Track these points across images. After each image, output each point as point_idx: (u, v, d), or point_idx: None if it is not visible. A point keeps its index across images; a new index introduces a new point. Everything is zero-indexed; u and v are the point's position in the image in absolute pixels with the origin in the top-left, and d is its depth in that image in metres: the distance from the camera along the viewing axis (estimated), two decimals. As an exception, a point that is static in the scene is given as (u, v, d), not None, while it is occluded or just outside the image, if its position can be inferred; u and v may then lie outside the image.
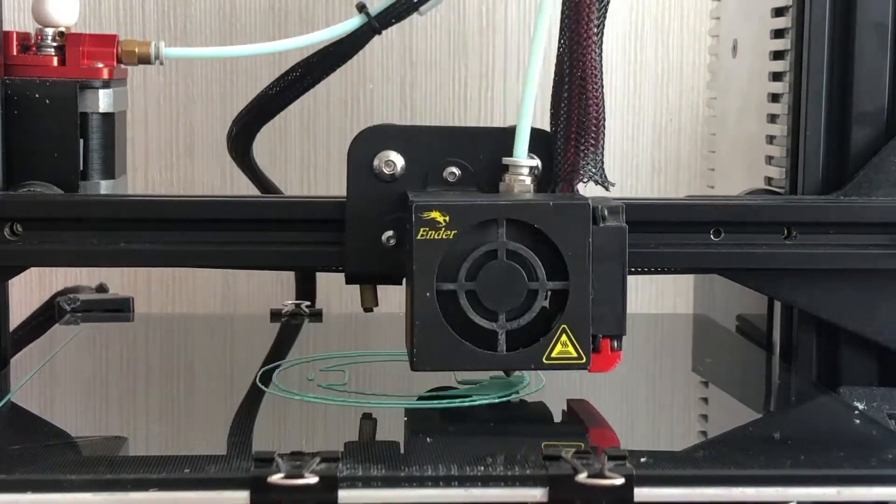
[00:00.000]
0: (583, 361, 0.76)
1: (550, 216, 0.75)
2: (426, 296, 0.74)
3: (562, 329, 0.76)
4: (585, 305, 0.75)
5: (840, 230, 0.84)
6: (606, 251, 0.76)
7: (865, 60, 0.87)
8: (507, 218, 0.75)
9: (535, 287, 0.75)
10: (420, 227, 0.74)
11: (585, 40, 0.79)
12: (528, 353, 0.76)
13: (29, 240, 0.82)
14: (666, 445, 0.79)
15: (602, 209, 0.76)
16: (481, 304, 0.75)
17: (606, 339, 0.77)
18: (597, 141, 0.80)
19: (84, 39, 0.87)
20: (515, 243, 0.75)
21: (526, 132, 0.80)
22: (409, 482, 0.65)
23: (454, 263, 0.75)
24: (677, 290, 1.30)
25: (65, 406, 0.84)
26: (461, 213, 0.75)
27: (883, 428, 0.77)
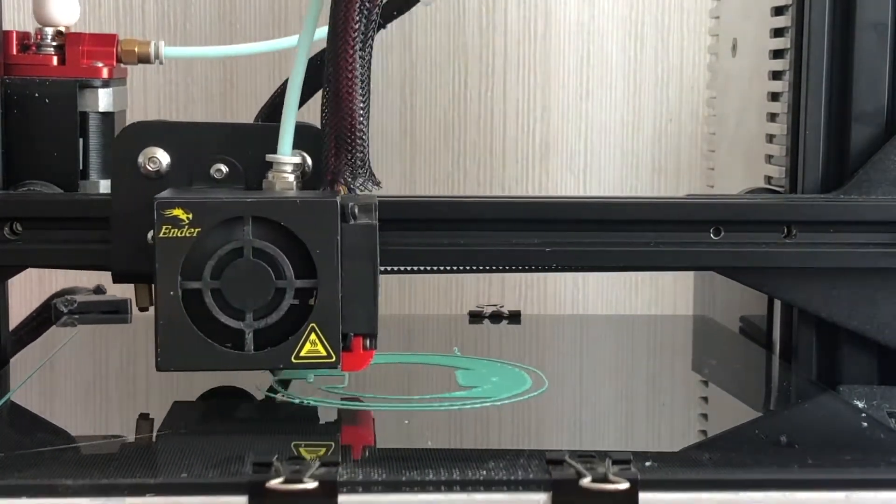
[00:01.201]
0: (332, 360, 0.74)
1: (297, 213, 0.73)
2: (170, 294, 0.73)
3: (310, 328, 0.74)
4: (334, 304, 0.74)
5: (840, 229, 0.84)
6: (357, 249, 0.74)
7: (865, 59, 0.87)
8: (253, 215, 0.73)
9: (283, 285, 0.74)
10: (162, 224, 0.73)
11: (342, 41, 0.76)
12: (277, 352, 0.74)
13: (28, 239, 0.82)
14: (667, 446, 0.79)
15: (352, 206, 0.74)
16: (228, 304, 0.74)
17: (358, 338, 0.76)
18: (353, 146, 0.77)
19: (84, 39, 0.87)
20: (261, 241, 0.73)
21: (290, 128, 0.78)
22: (411, 486, 0.64)
23: (199, 262, 0.73)
24: (677, 290, 1.30)
25: (62, 408, 0.84)
26: (204, 211, 0.73)
27: (887, 429, 0.76)
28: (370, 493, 0.64)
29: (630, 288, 1.32)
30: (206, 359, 0.74)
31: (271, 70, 1.25)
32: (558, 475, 0.64)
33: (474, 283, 1.31)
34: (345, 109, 0.76)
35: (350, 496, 0.64)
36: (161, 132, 0.80)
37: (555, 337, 1.08)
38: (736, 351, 0.98)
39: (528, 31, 1.30)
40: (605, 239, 0.83)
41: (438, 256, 0.83)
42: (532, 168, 1.31)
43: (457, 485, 0.64)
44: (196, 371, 0.77)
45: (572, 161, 1.32)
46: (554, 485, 0.64)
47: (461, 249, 0.82)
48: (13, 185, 0.85)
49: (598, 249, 0.83)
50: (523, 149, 1.31)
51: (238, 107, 1.27)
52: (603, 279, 1.32)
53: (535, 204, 0.84)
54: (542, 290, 1.33)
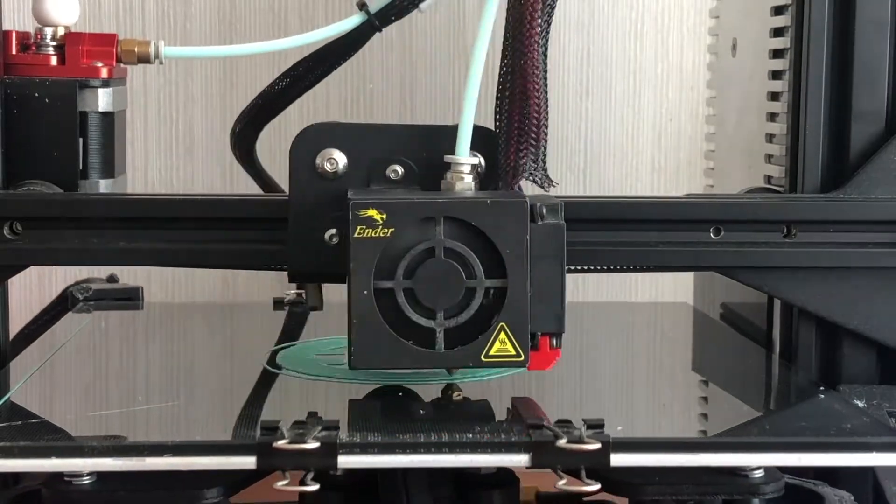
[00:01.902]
0: (521, 359, 0.75)
1: (488, 213, 0.74)
2: (363, 294, 0.74)
3: (500, 327, 0.75)
4: (524, 303, 0.75)
5: (840, 228, 0.84)
6: (545, 249, 0.75)
7: (865, 59, 0.87)
8: (445, 215, 0.75)
9: (473, 285, 0.75)
10: (357, 224, 0.74)
11: (527, 38, 0.78)
12: (467, 350, 0.75)
13: (28, 239, 0.82)
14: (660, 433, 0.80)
15: (540, 207, 0.75)
16: (419, 302, 0.75)
17: (545, 337, 0.77)
18: (537, 141, 0.79)
19: (84, 38, 0.87)
20: (453, 241, 0.75)
21: (468, 130, 0.79)
22: (403, 448, 0.70)
23: (392, 261, 0.74)
24: (677, 290, 1.30)
25: (79, 388, 0.87)
26: (398, 211, 0.74)
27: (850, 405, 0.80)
28: (366, 455, 0.69)
29: (629, 288, 1.32)
30: (397, 357, 0.75)
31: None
32: (538, 438, 0.70)
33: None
34: (533, 105, 0.78)
35: (349, 457, 0.69)
36: (338, 133, 0.81)
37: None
38: (735, 349, 0.98)
39: (527, 31, 1.29)
40: (605, 238, 0.83)
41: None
42: (532, 168, 1.31)
43: (445, 447, 0.70)
44: (388, 370, 0.80)
45: (572, 160, 1.32)
46: (533, 446, 0.69)
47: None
48: (13, 184, 0.85)
49: (597, 249, 0.83)
50: (523, 149, 1.31)
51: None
52: (602, 279, 1.32)
53: (536, 203, 0.85)
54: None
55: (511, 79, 0.79)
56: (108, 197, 0.85)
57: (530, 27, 0.78)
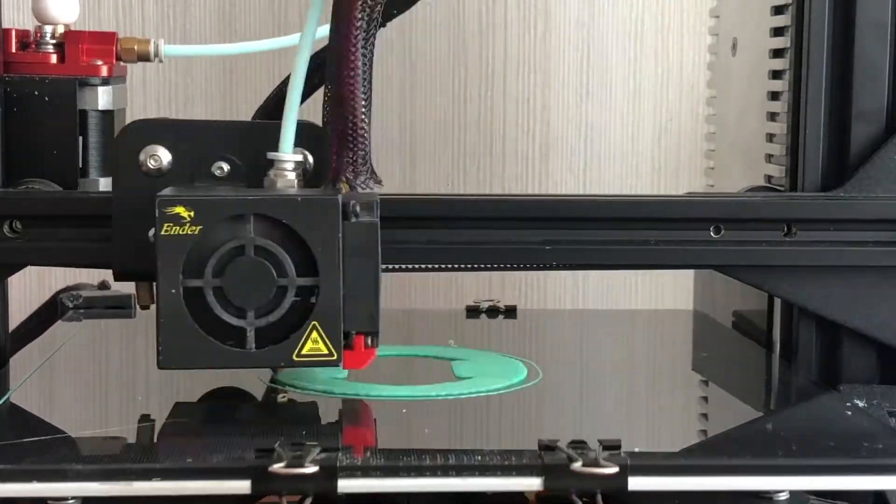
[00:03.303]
0: (334, 358, 0.74)
1: (299, 211, 0.73)
2: (171, 292, 0.73)
3: (312, 326, 0.74)
4: (336, 302, 0.74)
5: (840, 227, 0.83)
6: (359, 247, 0.74)
7: (865, 58, 0.87)
8: (255, 213, 0.73)
9: (285, 283, 0.73)
10: (164, 222, 0.72)
11: (344, 39, 0.76)
12: (278, 350, 0.74)
13: (28, 237, 0.81)
14: (666, 445, 0.79)
15: (354, 204, 0.74)
16: (229, 301, 0.74)
17: (360, 336, 0.76)
18: (355, 144, 0.76)
19: (83, 37, 0.87)
20: (264, 239, 0.73)
21: (291, 127, 0.78)
22: (408, 472, 0.66)
23: (201, 259, 0.73)
24: (677, 290, 1.30)
25: (66, 402, 0.85)
26: (206, 208, 0.73)
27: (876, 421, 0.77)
28: (368, 478, 0.66)
29: (630, 287, 1.32)
30: (207, 357, 0.74)
31: (271, 69, 1.25)
32: (550, 460, 0.66)
33: (474, 282, 1.31)
34: (347, 108, 0.76)
35: (349, 480, 0.65)
36: (162, 130, 0.80)
37: (550, 330, 1.09)
38: (735, 349, 0.98)
39: (527, 30, 1.30)
40: (605, 237, 0.83)
41: (438, 254, 0.83)
42: (532, 168, 1.32)
43: (452, 470, 0.66)
44: (196, 369, 0.76)
45: (572, 161, 1.32)
46: (546, 469, 0.65)
47: (461, 247, 0.82)
48: (13, 183, 0.85)
49: (597, 248, 0.83)
50: (523, 149, 1.31)
51: (238, 106, 1.26)
52: (603, 278, 1.32)
53: (535, 202, 0.85)
54: (541, 290, 1.33)
55: (329, 79, 0.77)
56: (107, 195, 0.85)
57: (347, 26, 0.76)
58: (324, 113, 0.78)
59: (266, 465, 0.64)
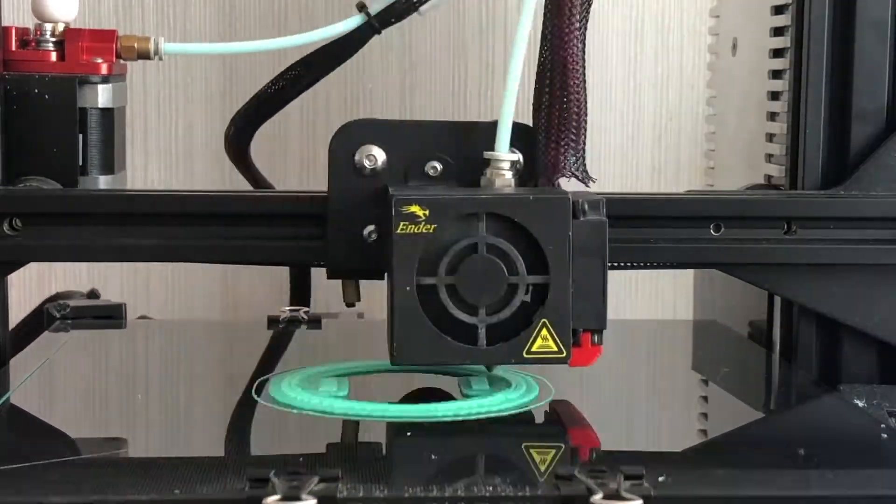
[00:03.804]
0: (563, 355, 0.75)
1: (530, 210, 0.75)
2: (406, 290, 0.74)
3: (542, 323, 0.75)
4: (566, 300, 0.75)
5: (840, 225, 0.84)
6: (587, 245, 0.75)
7: (865, 58, 0.87)
8: (488, 212, 0.75)
9: (515, 281, 0.75)
10: (400, 221, 0.74)
11: (567, 35, 0.78)
12: (509, 346, 0.75)
13: (28, 235, 0.81)
14: (667, 446, 0.79)
15: (582, 203, 0.75)
16: (461, 299, 0.75)
17: (587, 334, 0.77)
18: (578, 136, 0.79)
19: (83, 35, 0.87)
20: (495, 237, 0.75)
21: (507, 126, 0.79)
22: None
23: (434, 257, 0.74)
24: (677, 290, 1.30)
25: (53, 417, 0.81)
26: (441, 207, 0.74)
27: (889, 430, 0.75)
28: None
29: (630, 289, 1.32)
30: (439, 352, 0.75)
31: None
32: (568, 491, 0.62)
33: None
34: (573, 102, 0.78)
35: None
36: (377, 130, 0.81)
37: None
38: (735, 349, 0.98)
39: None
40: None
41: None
42: (532, 168, 1.31)
43: (462, 502, 0.62)
44: (429, 365, 0.78)
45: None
46: (564, 501, 0.62)
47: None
48: (13, 180, 0.85)
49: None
50: (523, 148, 1.31)
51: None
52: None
53: (535, 200, 0.84)
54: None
55: (550, 74, 0.79)
56: (107, 193, 0.85)
57: (569, 21, 0.78)
58: (538, 110, 0.80)
59: (260, 497, 0.60)
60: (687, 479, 0.66)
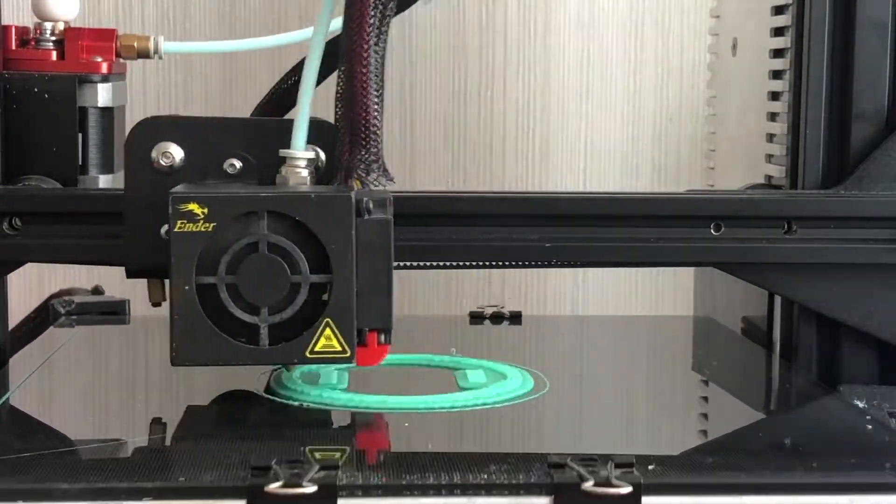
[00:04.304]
0: (347, 355, 0.74)
1: (312, 208, 0.73)
2: (185, 289, 0.73)
3: (325, 322, 0.74)
4: (349, 299, 0.73)
5: (840, 224, 0.83)
6: (371, 244, 0.74)
7: (865, 58, 0.87)
8: (269, 210, 0.73)
9: (298, 280, 0.73)
10: (178, 219, 0.72)
11: (357, 36, 0.76)
12: (291, 346, 0.74)
13: (27, 234, 0.81)
14: (667, 446, 0.79)
15: (367, 202, 0.74)
16: (243, 298, 0.73)
17: (373, 333, 0.75)
18: (367, 140, 0.77)
19: (83, 34, 0.87)
20: (277, 236, 0.73)
21: (304, 124, 0.78)
22: (411, 490, 0.64)
23: (215, 256, 0.73)
24: (677, 291, 1.30)
25: (59, 410, 0.83)
26: (220, 205, 0.73)
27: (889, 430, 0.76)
28: (370, 498, 0.63)
29: (630, 288, 1.32)
30: (220, 353, 0.74)
31: (271, 69, 1.25)
32: (560, 479, 0.63)
33: (474, 282, 1.31)
34: (359, 105, 0.76)
35: (350, 500, 0.63)
36: (174, 127, 0.80)
37: (557, 338, 1.08)
38: (736, 350, 0.98)
39: (527, 30, 1.30)
40: (606, 234, 0.83)
41: (438, 252, 0.83)
42: (532, 167, 1.32)
43: (458, 489, 0.64)
44: (210, 366, 0.76)
45: (572, 161, 1.32)
46: (556, 488, 0.63)
47: (461, 245, 0.82)
48: (12, 179, 0.85)
49: (598, 245, 0.83)
50: (523, 148, 1.31)
51: (237, 106, 1.26)
52: (603, 279, 1.32)
53: (536, 199, 0.85)
54: (542, 290, 1.33)
55: (342, 75, 0.77)
56: (106, 192, 0.85)
57: (360, 23, 0.76)
58: (336, 110, 0.78)
59: (262, 484, 0.62)
60: (676, 468, 0.68)
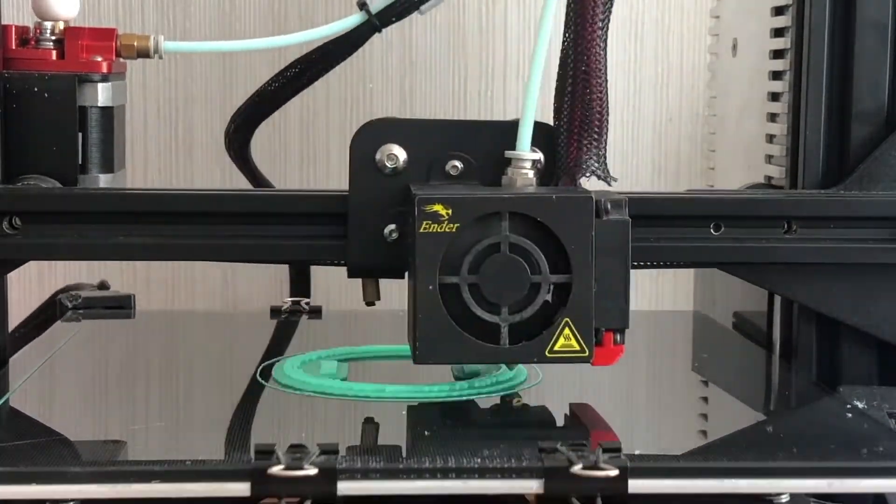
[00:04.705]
0: (585, 355, 0.76)
1: (553, 209, 0.75)
2: (429, 289, 0.74)
3: (564, 322, 0.75)
4: (588, 299, 0.75)
5: (840, 224, 0.83)
6: (609, 244, 0.76)
7: (865, 59, 0.87)
8: (510, 211, 0.75)
9: (538, 280, 0.75)
10: (423, 220, 0.74)
11: (590, 34, 0.79)
12: (531, 346, 0.76)
13: (27, 233, 0.81)
14: (667, 446, 0.79)
15: (605, 202, 0.76)
16: (484, 298, 0.75)
17: (609, 333, 0.77)
18: (600, 136, 0.80)
19: (83, 33, 0.87)
20: (518, 236, 0.75)
21: (529, 125, 0.79)
22: (408, 474, 0.66)
23: (457, 257, 0.75)
24: (677, 290, 1.30)
25: (66, 403, 0.84)
26: (464, 207, 0.75)
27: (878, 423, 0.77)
28: (368, 480, 0.66)
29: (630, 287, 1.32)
30: (462, 352, 0.75)
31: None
32: (550, 463, 0.66)
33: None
34: (595, 101, 0.79)
35: (349, 483, 0.65)
36: (398, 129, 0.81)
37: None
38: (735, 350, 0.98)
39: (528, 30, 1.30)
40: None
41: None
42: (532, 168, 1.31)
43: (452, 472, 0.66)
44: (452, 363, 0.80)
45: (572, 161, 1.32)
46: (546, 472, 0.66)
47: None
48: (12, 179, 0.84)
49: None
50: (523, 149, 1.31)
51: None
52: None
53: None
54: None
55: (573, 74, 0.79)
56: (106, 192, 0.85)
57: (592, 21, 0.78)
58: (560, 109, 0.80)
59: (266, 467, 0.64)
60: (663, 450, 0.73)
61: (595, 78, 0.79)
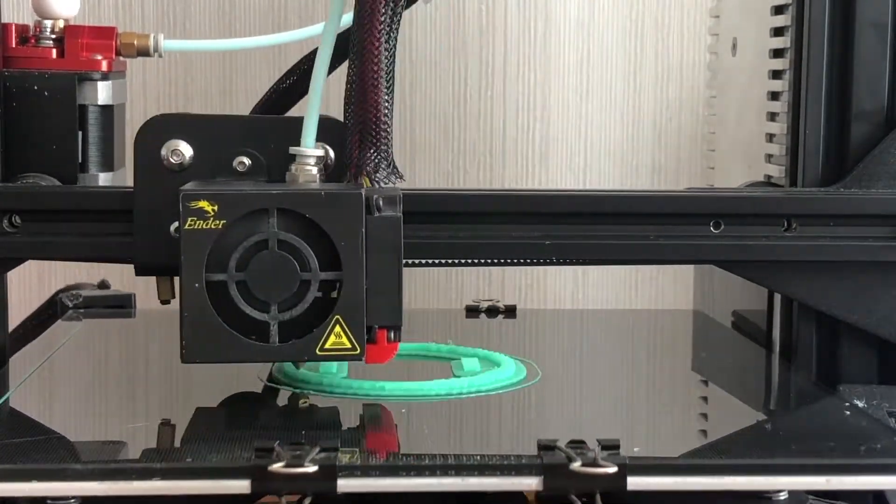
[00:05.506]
0: (357, 352, 0.74)
1: (322, 205, 0.73)
2: (195, 287, 0.73)
3: (335, 320, 0.74)
4: (359, 296, 0.74)
5: (840, 222, 0.83)
6: (381, 241, 0.74)
7: (865, 58, 0.87)
8: (278, 207, 0.73)
9: (308, 278, 0.74)
10: (188, 216, 0.73)
11: (367, 33, 0.76)
12: (302, 344, 0.74)
13: (27, 232, 0.81)
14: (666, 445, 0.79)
15: (377, 199, 0.74)
16: (253, 295, 0.74)
17: (383, 330, 0.76)
18: (378, 134, 0.77)
19: (83, 31, 0.87)
20: (286, 233, 0.73)
21: (313, 122, 0.78)
22: (407, 471, 0.66)
23: (224, 254, 0.73)
24: (677, 290, 1.30)
25: (66, 401, 0.85)
26: (230, 203, 0.73)
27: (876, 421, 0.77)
28: (368, 477, 0.66)
29: (630, 287, 1.32)
30: (230, 351, 0.74)
31: (270, 69, 1.25)
32: (549, 460, 0.66)
33: (474, 281, 1.31)
34: (370, 102, 0.76)
35: (349, 480, 0.65)
36: (184, 125, 0.80)
37: (548, 330, 1.09)
38: (735, 349, 0.98)
39: (527, 30, 1.30)
40: (605, 232, 0.83)
41: (438, 249, 0.83)
42: (532, 167, 1.32)
43: (452, 469, 0.66)
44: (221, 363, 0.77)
45: (572, 160, 1.32)
46: (545, 469, 0.66)
47: (461, 242, 0.82)
48: (12, 177, 0.85)
49: (597, 242, 0.83)
50: (523, 148, 1.31)
51: (237, 105, 1.26)
52: (603, 278, 1.32)
53: (536, 197, 0.85)
54: (541, 289, 1.33)
55: (352, 76, 0.77)
56: (106, 190, 0.85)
57: (370, 19, 0.76)
58: (345, 108, 0.78)
59: (266, 465, 0.64)
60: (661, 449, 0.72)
61: (371, 79, 0.76)
